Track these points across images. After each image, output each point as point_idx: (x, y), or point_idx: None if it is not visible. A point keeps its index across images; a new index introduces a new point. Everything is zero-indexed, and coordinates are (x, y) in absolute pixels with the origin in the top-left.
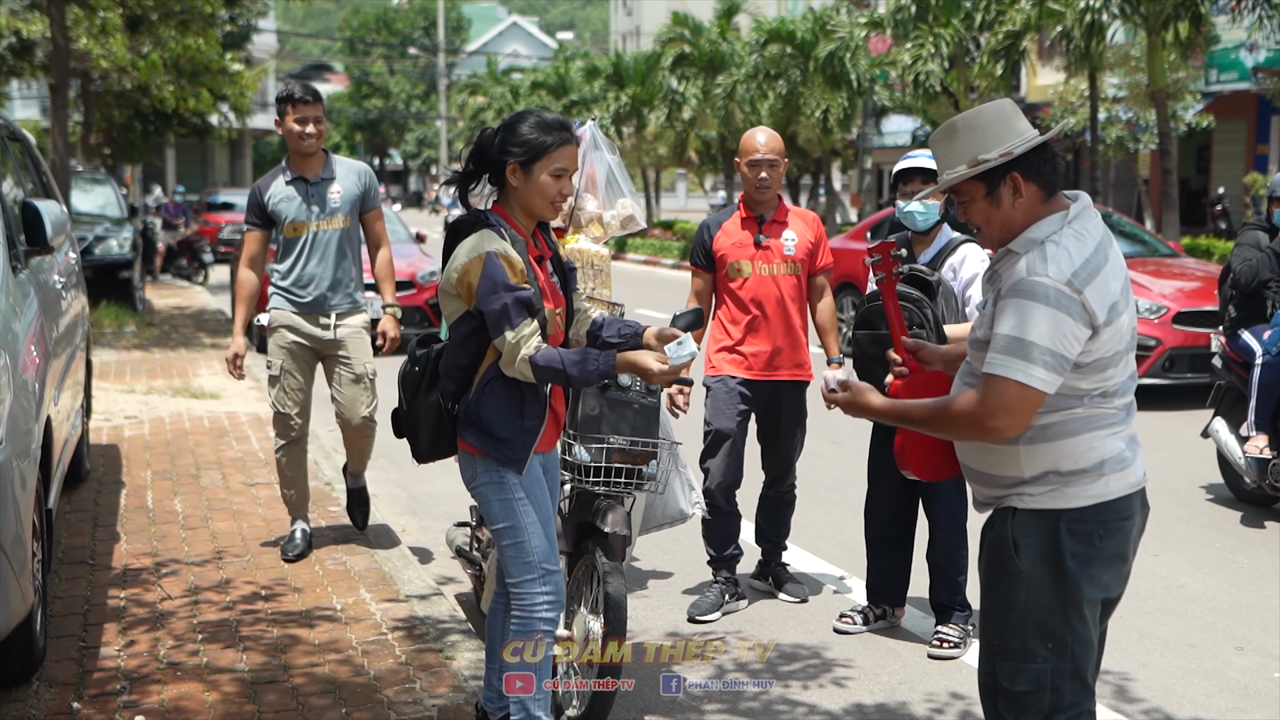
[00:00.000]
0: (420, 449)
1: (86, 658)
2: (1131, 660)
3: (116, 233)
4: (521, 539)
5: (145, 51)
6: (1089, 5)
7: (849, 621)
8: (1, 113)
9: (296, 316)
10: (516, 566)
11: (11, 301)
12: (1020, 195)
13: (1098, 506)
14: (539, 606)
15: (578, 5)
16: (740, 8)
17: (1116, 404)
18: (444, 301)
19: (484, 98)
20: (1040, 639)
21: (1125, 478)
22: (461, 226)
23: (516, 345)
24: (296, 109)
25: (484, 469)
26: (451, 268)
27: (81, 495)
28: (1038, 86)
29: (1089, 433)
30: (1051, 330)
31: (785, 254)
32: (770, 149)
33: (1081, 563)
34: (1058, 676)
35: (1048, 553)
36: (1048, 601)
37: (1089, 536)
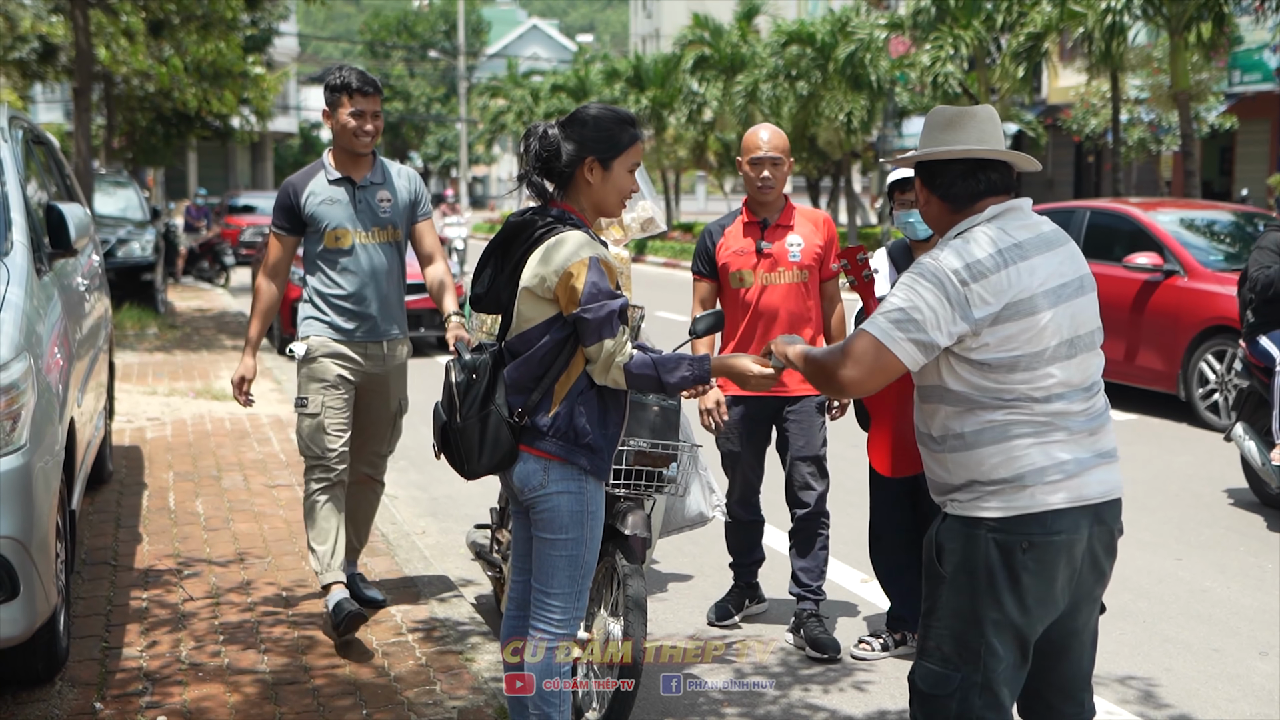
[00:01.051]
0: (479, 464)
1: (109, 658)
2: (1155, 665)
3: (139, 235)
4: (578, 552)
5: (166, 56)
6: (1110, 6)
7: (866, 648)
8: (26, 116)
9: (341, 345)
10: (563, 578)
11: (36, 304)
12: (928, 203)
13: (1021, 518)
14: (570, 621)
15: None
16: (760, 9)
17: (1045, 410)
18: (528, 305)
19: (504, 100)
20: (954, 646)
21: (1057, 490)
22: (528, 227)
23: (613, 354)
24: (354, 100)
25: (560, 476)
26: (549, 269)
27: (104, 496)
28: (1059, 88)
29: (1008, 441)
30: (923, 304)
31: (790, 260)
32: (774, 146)
33: (1001, 575)
34: (966, 686)
35: (968, 561)
36: (964, 610)
37: (1010, 549)
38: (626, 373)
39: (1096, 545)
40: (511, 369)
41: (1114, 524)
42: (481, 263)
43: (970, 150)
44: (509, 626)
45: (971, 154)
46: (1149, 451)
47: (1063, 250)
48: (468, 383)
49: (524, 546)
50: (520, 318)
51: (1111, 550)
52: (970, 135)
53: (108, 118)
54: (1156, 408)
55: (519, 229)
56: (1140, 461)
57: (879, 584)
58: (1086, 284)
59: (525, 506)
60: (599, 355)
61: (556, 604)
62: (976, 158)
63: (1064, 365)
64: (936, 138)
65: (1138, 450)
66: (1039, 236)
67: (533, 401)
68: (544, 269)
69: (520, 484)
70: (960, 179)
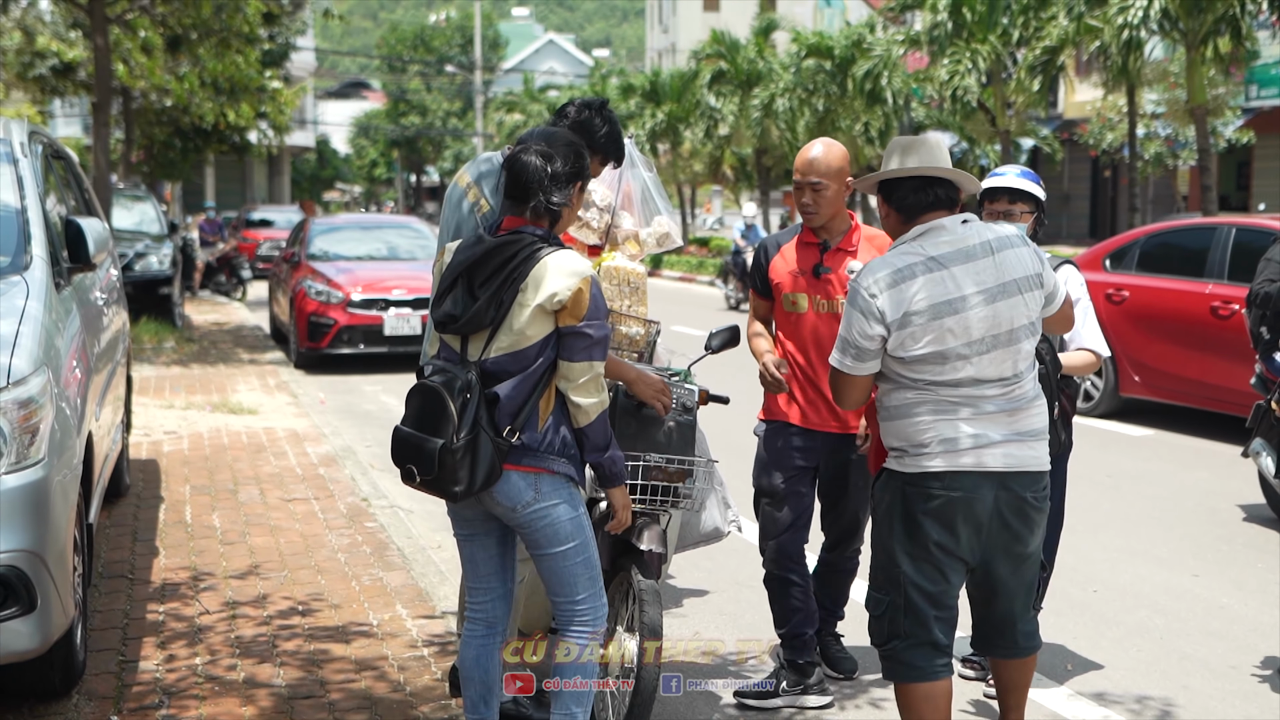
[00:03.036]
0: (473, 484)
1: (125, 671)
2: (1172, 682)
3: (156, 249)
4: (588, 553)
5: (183, 72)
6: (1128, 21)
7: (975, 668)
8: (45, 131)
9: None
10: (585, 581)
11: (55, 318)
12: (888, 215)
13: (925, 475)
14: (600, 617)
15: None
16: (778, 25)
17: (954, 394)
18: (533, 323)
19: (521, 115)
20: (883, 575)
21: (961, 456)
22: (511, 246)
23: (598, 378)
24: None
25: (550, 488)
26: (562, 284)
27: (121, 510)
28: (1075, 103)
29: (917, 416)
30: (851, 325)
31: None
32: (815, 170)
33: (910, 519)
34: (893, 608)
35: (889, 506)
36: (888, 545)
37: (914, 499)
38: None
39: (1003, 508)
40: (509, 387)
41: (1024, 492)
42: (446, 285)
43: (920, 170)
44: (477, 647)
45: (920, 173)
46: (1166, 468)
47: (984, 261)
48: (464, 403)
49: (490, 565)
50: (517, 336)
51: (1022, 515)
52: (923, 158)
53: (126, 132)
54: (1173, 423)
55: (498, 249)
56: (1157, 478)
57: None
58: (1009, 289)
59: (511, 525)
60: (586, 374)
61: (585, 607)
62: (926, 176)
63: (978, 360)
64: (895, 160)
65: (1155, 466)
66: (960, 250)
67: (521, 419)
68: (558, 284)
69: (509, 502)
70: (912, 193)
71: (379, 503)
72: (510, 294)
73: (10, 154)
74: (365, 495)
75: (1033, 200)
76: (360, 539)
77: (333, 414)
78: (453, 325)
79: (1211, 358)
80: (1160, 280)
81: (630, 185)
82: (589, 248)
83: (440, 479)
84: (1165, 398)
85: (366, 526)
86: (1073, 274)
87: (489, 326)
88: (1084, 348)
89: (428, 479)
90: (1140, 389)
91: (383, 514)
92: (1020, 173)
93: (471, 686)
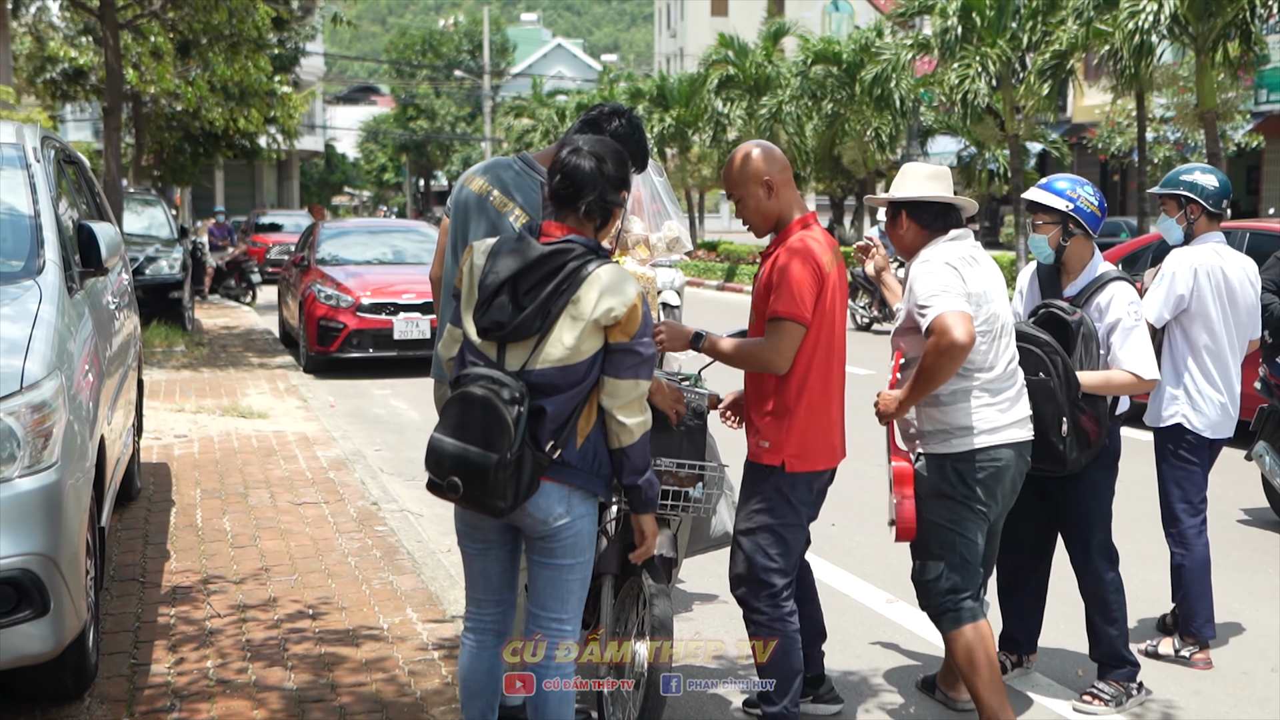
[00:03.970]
0: (516, 499)
1: (137, 674)
2: (1183, 688)
3: (167, 253)
4: (589, 571)
5: (193, 77)
6: (1138, 25)
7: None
8: (57, 136)
9: None
10: (575, 601)
11: (67, 322)
12: (908, 229)
13: (973, 452)
14: (577, 630)
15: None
16: (787, 31)
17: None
18: (586, 338)
19: (529, 120)
20: (938, 544)
21: (998, 434)
22: (560, 256)
23: (643, 396)
24: None
25: (580, 502)
26: (619, 300)
27: (133, 513)
28: (1084, 107)
29: (966, 401)
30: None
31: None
32: (727, 183)
33: (965, 489)
34: (950, 569)
35: (943, 485)
36: (945, 518)
37: (968, 472)
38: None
39: (1017, 472)
40: (557, 403)
41: (1028, 457)
42: (491, 292)
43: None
44: (489, 659)
45: (945, 199)
46: None
47: (993, 265)
48: (517, 416)
49: (503, 578)
50: (569, 350)
51: (1024, 475)
52: (946, 187)
53: (136, 137)
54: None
55: (547, 258)
56: None
57: (999, 599)
58: (1004, 289)
59: (531, 536)
60: (632, 392)
61: (570, 628)
62: (947, 201)
63: (1008, 346)
64: (923, 184)
65: None
66: (981, 254)
67: (564, 435)
68: (614, 300)
69: (542, 515)
70: (939, 215)
71: (389, 506)
72: (559, 305)
73: (23, 159)
74: (375, 499)
75: (1052, 211)
76: (370, 543)
77: (342, 418)
78: (497, 332)
79: None
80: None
81: (640, 190)
82: None
83: (488, 494)
84: None
85: (376, 530)
86: (1124, 291)
87: (534, 335)
88: (1122, 368)
89: (474, 494)
90: None
91: (392, 518)
92: (1041, 183)
93: (482, 698)
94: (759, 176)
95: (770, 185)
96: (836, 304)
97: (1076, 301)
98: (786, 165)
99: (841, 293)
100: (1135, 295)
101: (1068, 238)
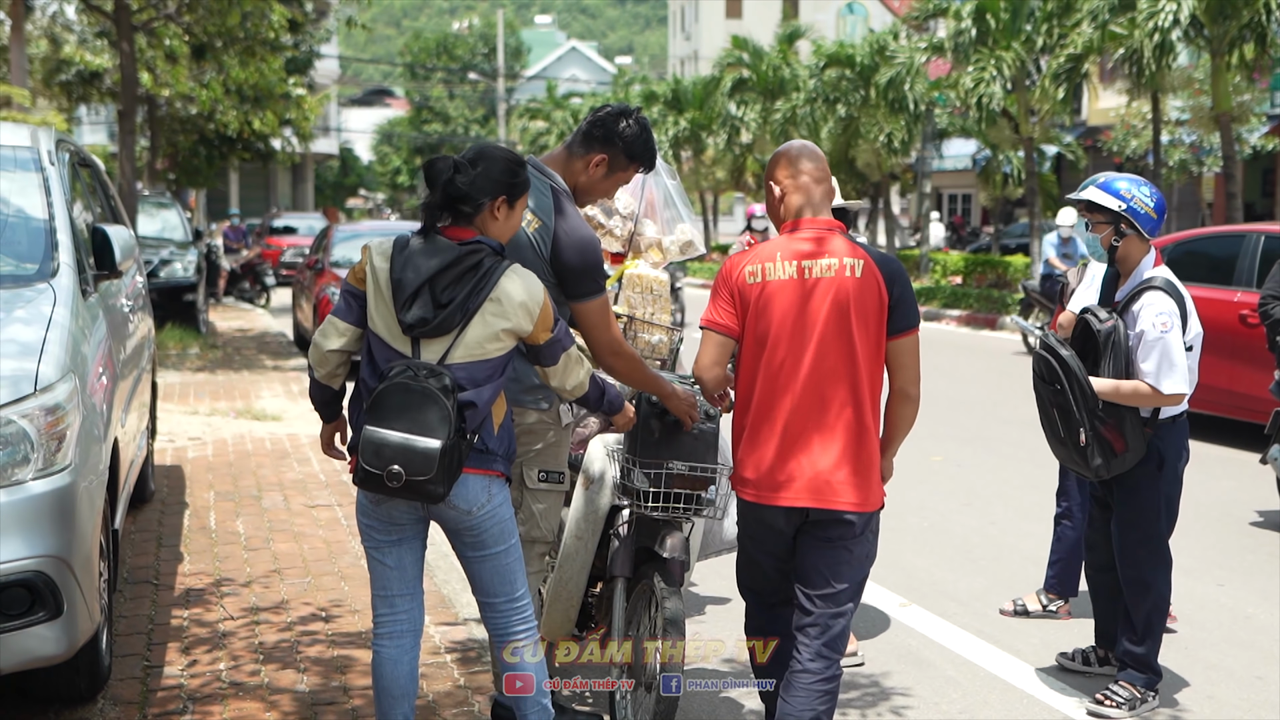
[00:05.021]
0: (450, 485)
1: (150, 677)
2: (1197, 692)
3: (181, 256)
4: (520, 550)
5: (207, 80)
6: (1156, 27)
7: (1070, 659)
8: (72, 139)
9: None
10: (521, 577)
11: (81, 324)
12: None
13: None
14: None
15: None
16: (802, 33)
17: None
18: (503, 338)
19: (544, 122)
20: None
21: None
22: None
23: (574, 354)
24: None
25: (499, 489)
26: (533, 304)
27: (146, 515)
28: (1099, 109)
29: None
30: None
31: None
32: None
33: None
34: None
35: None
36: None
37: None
38: (592, 375)
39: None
40: (482, 394)
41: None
42: (411, 293)
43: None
44: (409, 661)
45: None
46: (1189, 476)
47: None
48: (453, 404)
49: (415, 569)
50: (479, 348)
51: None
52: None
53: (151, 139)
54: (1199, 432)
55: (462, 258)
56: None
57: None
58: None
59: (454, 528)
60: (567, 365)
61: (524, 603)
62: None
63: None
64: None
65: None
66: None
67: (478, 422)
68: (530, 303)
69: (466, 505)
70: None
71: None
72: (476, 302)
73: (38, 162)
74: None
75: (1105, 211)
76: None
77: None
78: (421, 328)
79: (1239, 366)
80: (1188, 288)
81: (653, 193)
82: (612, 255)
83: (432, 480)
84: (1192, 406)
85: None
86: (1156, 301)
87: (452, 331)
88: (1142, 379)
89: (415, 481)
90: None
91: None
92: (1099, 183)
93: (406, 701)
94: (768, 178)
95: (776, 189)
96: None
97: (1120, 307)
98: (799, 169)
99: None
100: (1167, 305)
101: (1120, 238)
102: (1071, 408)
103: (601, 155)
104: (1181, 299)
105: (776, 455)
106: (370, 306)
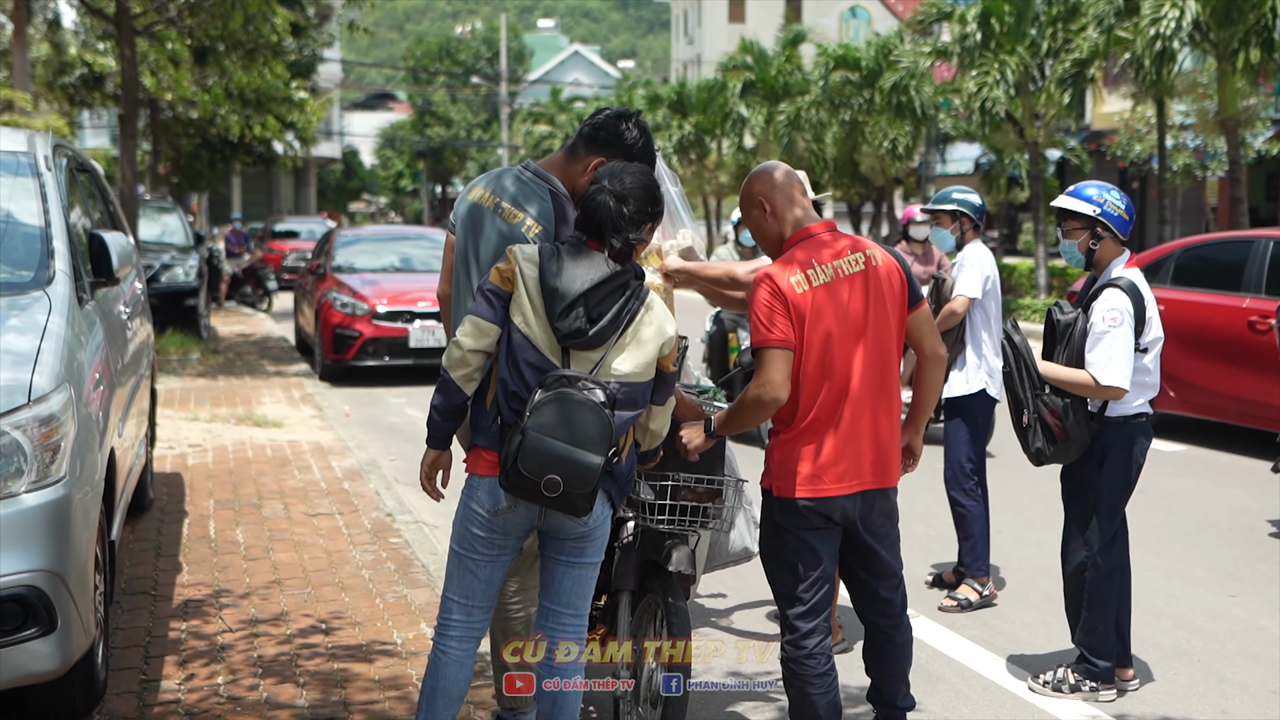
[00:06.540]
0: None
1: (147, 691)
2: (1210, 706)
3: (182, 260)
4: None
5: (209, 84)
6: (1160, 32)
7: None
8: (70, 144)
9: None
10: (590, 597)
11: (77, 333)
12: None
13: None
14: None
15: (639, 34)
16: (806, 37)
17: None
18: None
19: (547, 126)
20: None
21: None
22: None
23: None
24: None
25: (606, 504)
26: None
27: (145, 524)
28: (1103, 114)
29: None
30: None
31: None
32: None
33: None
34: None
35: None
36: None
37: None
38: None
39: None
40: (622, 415)
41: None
42: (570, 302)
43: None
44: (467, 665)
45: None
46: (1199, 485)
47: None
48: (614, 420)
49: (497, 585)
50: (637, 368)
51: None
52: None
53: (153, 144)
54: (1208, 439)
55: (615, 276)
56: (1191, 495)
57: None
58: None
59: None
60: (666, 413)
61: (583, 622)
62: None
63: None
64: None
65: (1188, 483)
66: None
67: (617, 443)
68: (670, 331)
69: (593, 520)
70: None
71: (403, 518)
72: (625, 321)
73: (34, 168)
74: (390, 510)
75: (1079, 217)
76: (385, 555)
77: (357, 427)
78: (578, 339)
79: (1248, 373)
80: (1196, 294)
81: None
82: None
83: (586, 495)
84: (1200, 413)
85: (391, 542)
86: (1105, 297)
87: (602, 346)
88: (1086, 369)
89: (570, 493)
90: (1175, 404)
91: (407, 529)
92: (1070, 190)
93: (457, 704)
94: (755, 199)
95: (767, 206)
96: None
97: (1085, 303)
98: (791, 184)
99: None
100: (1120, 302)
101: (1096, 241)
102: (1017, 389)
103: (601, 158)
104: (1141, 300)
105: (839, 448)
106: (523, 312)
